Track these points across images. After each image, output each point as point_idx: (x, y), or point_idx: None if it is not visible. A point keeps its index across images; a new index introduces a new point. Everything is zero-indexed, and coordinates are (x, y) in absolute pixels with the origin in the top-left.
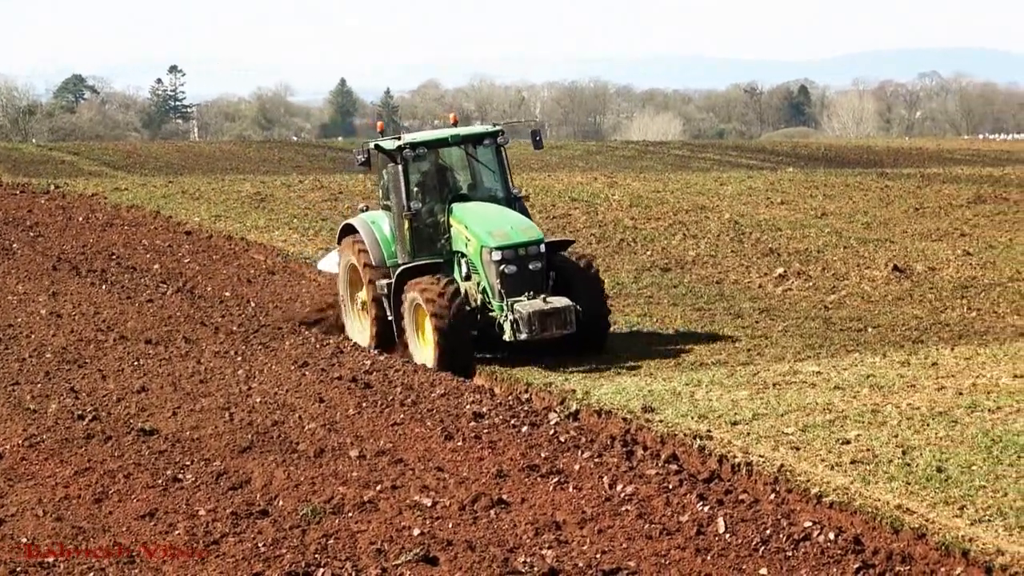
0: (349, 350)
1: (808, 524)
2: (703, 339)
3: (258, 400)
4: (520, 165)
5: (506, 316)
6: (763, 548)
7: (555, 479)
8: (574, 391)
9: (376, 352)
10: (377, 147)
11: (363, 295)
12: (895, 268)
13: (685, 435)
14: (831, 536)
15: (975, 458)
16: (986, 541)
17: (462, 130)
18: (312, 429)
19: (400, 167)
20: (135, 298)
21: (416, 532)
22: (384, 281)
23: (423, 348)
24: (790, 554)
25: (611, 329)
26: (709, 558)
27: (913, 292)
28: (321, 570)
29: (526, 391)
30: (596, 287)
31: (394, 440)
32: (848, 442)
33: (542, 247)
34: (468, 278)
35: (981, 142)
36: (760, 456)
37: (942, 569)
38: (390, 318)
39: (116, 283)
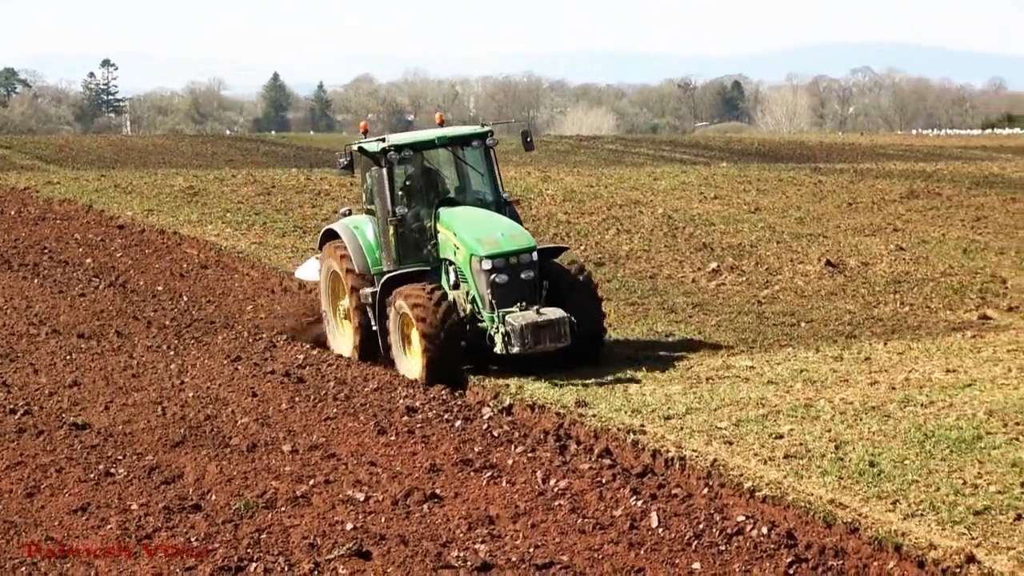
0: (282, 344)
1: (741, 518)
2: (636, 334)
3: (191, 394)
4: None
5: (497, 328)
6: (696, 542)
7: (488, 474)
8: (507, 386)
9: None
10: (360, 149)
11: (346, 303)
12: (828, 263)
13: (618, 430)
14: (764, 530)
15: (908, 453)
16: (919, 535)
17: (449, 131)
18: (245, 423)
19: (384, 170)
20: (67, 292)
21: (349, 527)
22: (368, 290)
23: (410, 360)
24: (723, 548)
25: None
26: (642, 552)
27: (846, 287)
28: (254, 564)
29: (459, 386)
30: (591, 297)
31: (327, 434)
32: (781, 436)
33: (534, 255)
34: (456, 286)
35: (914, 137)
36: (693, 450)
37: (875, 563)
38: (374, 328)
39: (48, 277)
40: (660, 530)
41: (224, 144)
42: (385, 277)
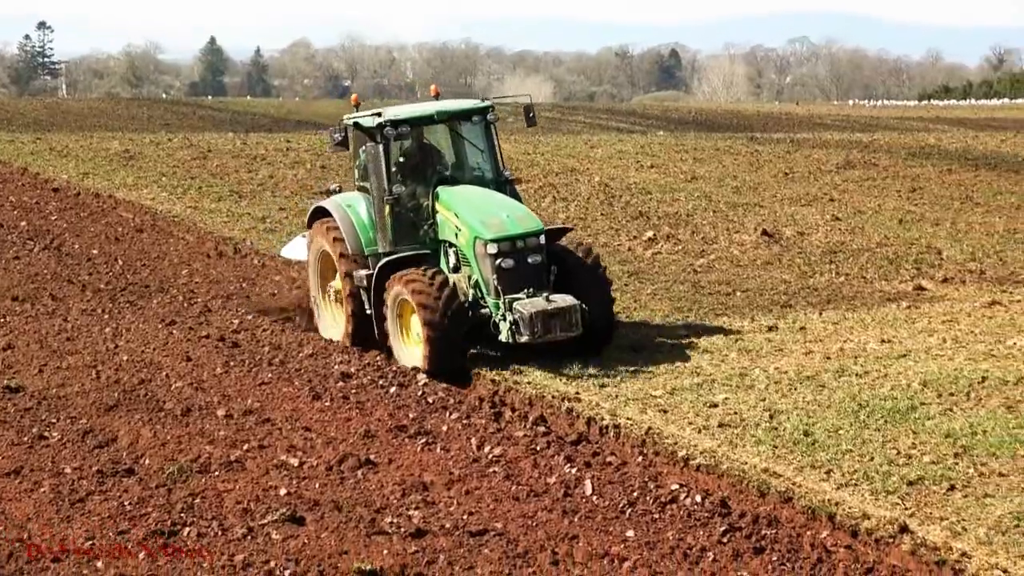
0: (217, 309)
1: (675, 487)
2: None
3: (125, 358)
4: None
5: (503, 315)
6: (630, 510)
7: (423, 440)
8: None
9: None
10: (356, 125)
11: (337, 285)
12: (764, 233)
13: (553, 397)
14: (698, 499)
15: (842, 422)
16: (852, 505)
17: (448, 105)
18: (179, 388)
19: (380, 146)
20: (1, 255)
21: (283, 492)
22: (363, 272)
23: (409, 347)
24: (657, 516)
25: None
26: (576, 520)
27: (782, 257)
28: (187, 529)
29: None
30: (601, 283)
31: (261, 400)
32: (716, 405)
33: (542, 239)
34: (457, 270)
35: (851, 108)
36: (628, 419)
37: (808, 532)
38: (368, 312)
39: None
40: (594, 498)
41: (160, 108)
42: (382, 262)
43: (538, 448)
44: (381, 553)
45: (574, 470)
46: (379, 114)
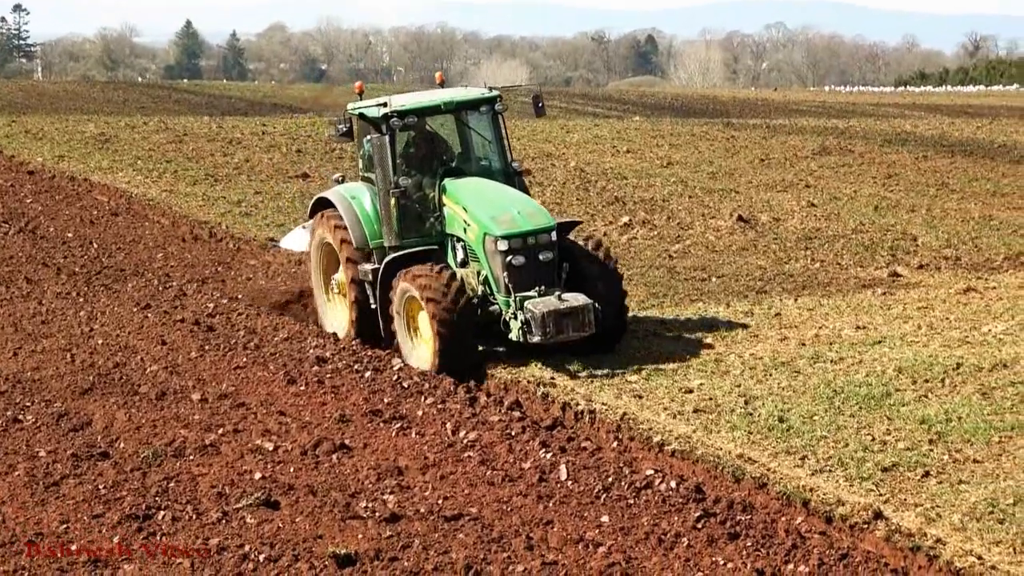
0: (192, 293)
1: (650, 472)
2: None
3: (100, 342)
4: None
5: (514, 314)
6: (605, 496)
7: (398, 425)
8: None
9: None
10: (361, 115)
11: (340, 278)
12: (740, 218)
13: (528, 382)
14: (673, 484)
15: (817, 408)
16: (827, 491)
17: (456, 95)
18: (154, 371)
19: (386, 137)
20: None
21: (257, 476)
22: (368, 266)
23: (417, 346)
24: (632, 502)
25: None
26: (551, 505)
27: (757, 242)
28: (162, 513)
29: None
30: (614, 281)
31: (236, 384)
32: (691, 391)
33: (554, 235)
34: (464, 264)
35: (827, 94)
36: (603, 404)
37: (783, 518)
38: (373, 306)
39: None
40: (569, 483)
41: (136, 91)
42: (388, 257)
43: (513, 433)
44: (356, 537)
45: (549, 455)
46: (384, 104)
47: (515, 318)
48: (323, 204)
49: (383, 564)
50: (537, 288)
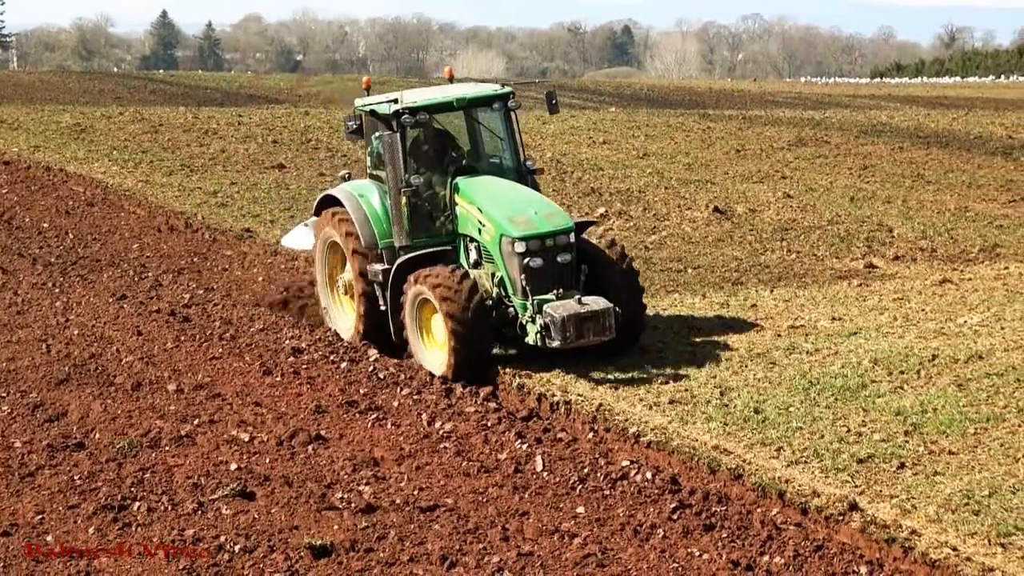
0: (168, 283)
1: (626, 463)
2: None
3: (76, 332)
4: (342, 99)
5: (531, 317)
6: (580, 487)
7: (374, 415)
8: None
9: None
10: (372, 112)
11: (346, 278)
12: (716, 209)
13: (504, 373)
14: (648, 475)
15: (792, 400)
16: (802, 482)
17: (468, 91)
18: (130, 362)
19: (397, 135)
20: None
21: (233, 467)
22: (377, 267)
23: (430, 350)
24: (607, 493)
25: None
26: (527, 496)
27: (733, 233)
28: (137, 503)
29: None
30: (633, 283)
31: (212, 374)
32: (666, 382)
33: (572, 236)
34: (477, 265)
35: (803, 85)
36: (579, 395)
37: (758, 510)
38: (382, 308)
39: None
40: (545, 474)
41: (112, 81)
42: (400, 259)
43: (489, 424)
44: (331, 528)
45: (525, 446)
46: (395, 100)
47: (532, 321)
48: (329, 202)
49: (359, 555)
50: (555, 291)
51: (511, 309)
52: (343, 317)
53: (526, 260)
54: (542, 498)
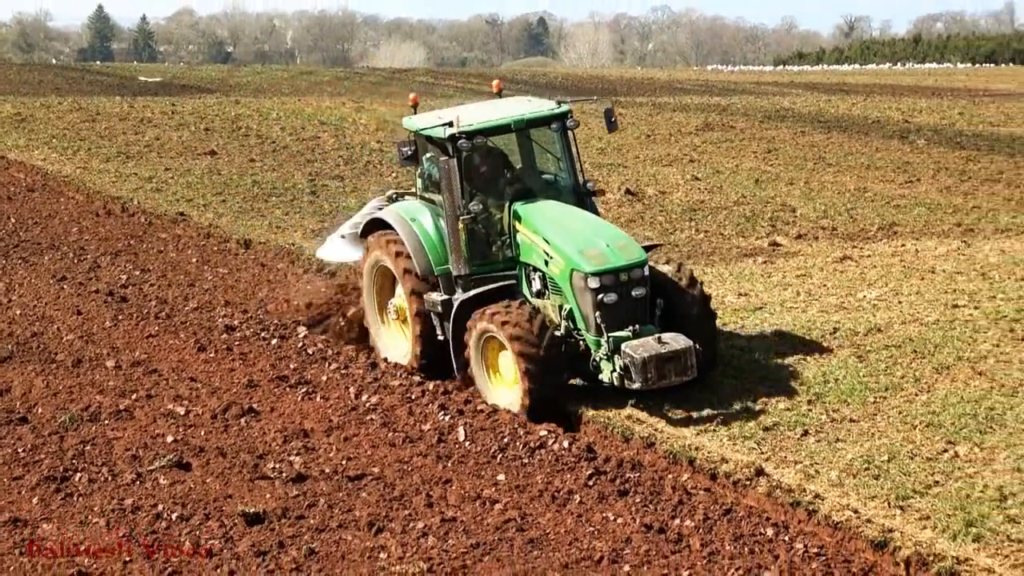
0: (106, 265)
1: (543, 433)
2: None
3: (18, 312)
4: (271, 90)
5: (607, 355)
6: (501, 456)
7: (303, 389)
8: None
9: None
10: (428, 138)
11: (398, 303)
12: (628, 191)
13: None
14: (565, 444)
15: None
16: (711, 450)
17: (525, 111)
18: (70, 340)
19: (454, 160)
20: None
21: (170, 439)
22: (437, 297)
23: (496, 385)
24: (527, 461)
25: None
26: (450, 464)
27: (644, 214)
28: (78, 475)
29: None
30: (707, 316)
31: (149, 351)
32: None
33: (646, 269)
34: (540, 295)
35: (710, 73)
36: None
37: (670, 476)
38: (440, 337)
39: None
40: (467, 444)
41: (51, 73)
42: (463, 297)
43: (413, 397)
44: (264, 497)
45: (448, 417)
46: (450, 123)
47: (607, 359)
48: (379, 224)
49: (290, 522)
50: (631, 327)
51: (581, 342)
52: (396, 342)
53: (600, 296)
54: (464, 467)
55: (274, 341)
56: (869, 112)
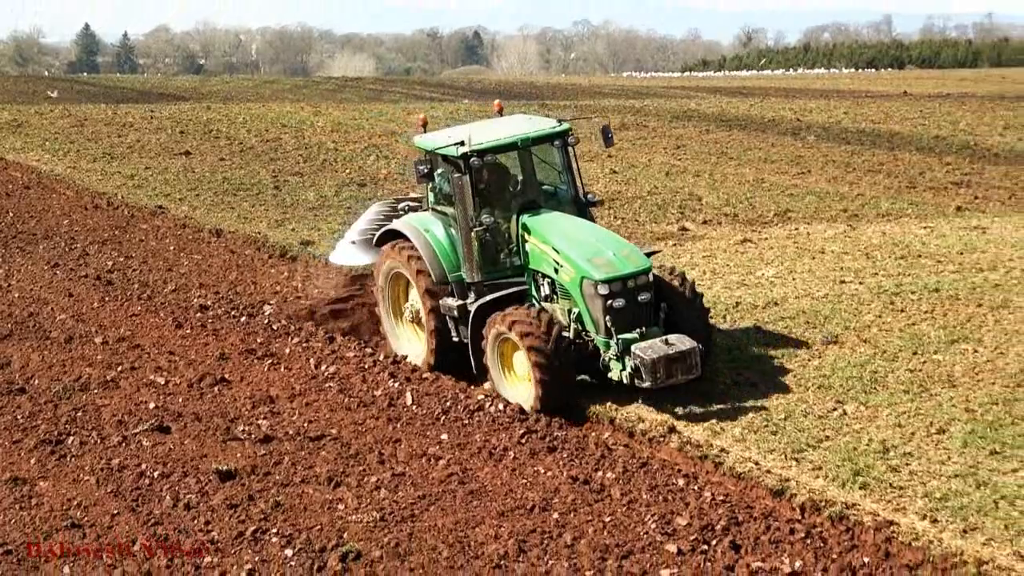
0: (94, 253)
1: (481, 397)
2: None
3: (16, 295)
4: (238, 97)
5: (616, 356)
6: (444, 417)
7: (269, 361)
8: (283, 289)
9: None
10: (444, 158)
11: (414, 307)
12: None
13: (377, 323)
14: (501, 407)
15: None
16: (629, 410)
17: (529, 130)
18: (63, 319)
19: (466, 176)
20: None
21: (152, 406)
22: (453, 302)
23: (512, 383)
24: (467, 422)
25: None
26: (399, 425)
27: None
28: (71, 438)
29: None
30: (703, 316)
31: (132, 328)
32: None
33: (651, 276)
34: (549, 299)
35: (625, 79)
36: None
37: (593, 434)
38: (455, 339)
39: None
40: (414, 407)
41: (43, 84)
42: (479, 302)
43: (366, 367)
44: (235, 456)
45: (397, 384)
46: (462, 143)
47: (617, 359)
48: (393, 234)
49: (259, 478)
50: (638, 330)
51: (590, 343)
52: (411, 344)
53: (609, 302)
54: (412, 427)
55: (243, 319)
56: (765, 112)
